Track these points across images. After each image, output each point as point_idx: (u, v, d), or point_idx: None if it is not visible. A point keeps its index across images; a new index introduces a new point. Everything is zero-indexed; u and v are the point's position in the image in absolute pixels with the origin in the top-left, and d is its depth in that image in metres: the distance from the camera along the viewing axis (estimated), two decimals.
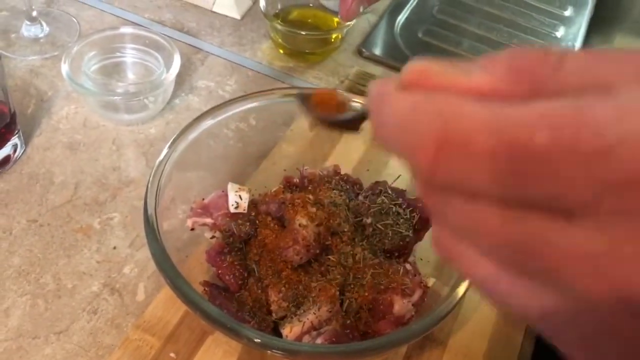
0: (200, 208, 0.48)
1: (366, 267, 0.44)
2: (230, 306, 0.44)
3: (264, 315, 0.44)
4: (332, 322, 0.42)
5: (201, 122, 0.49)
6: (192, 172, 0.49)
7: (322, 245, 0.45)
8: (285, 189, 0.51)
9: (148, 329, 0.47)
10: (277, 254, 0.44)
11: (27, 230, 0.54)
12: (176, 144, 0.47)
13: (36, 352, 0.47)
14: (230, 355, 0.46)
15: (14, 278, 0.51)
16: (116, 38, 0.67)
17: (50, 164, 0.59)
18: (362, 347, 0.38)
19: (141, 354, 0.46)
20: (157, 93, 0.63)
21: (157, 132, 0.64)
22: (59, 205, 0.56)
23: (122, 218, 0.56)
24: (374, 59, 0.74)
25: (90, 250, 0.53)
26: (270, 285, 0.44)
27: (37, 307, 0.49)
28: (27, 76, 0.68)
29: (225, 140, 0.53)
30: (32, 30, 0.72)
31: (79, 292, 0.50)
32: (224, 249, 0.46)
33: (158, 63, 0.66)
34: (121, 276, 0.52)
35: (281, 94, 0.52)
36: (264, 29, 0.76)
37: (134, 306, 0.50)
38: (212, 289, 0.45)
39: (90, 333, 0.48)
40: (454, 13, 0.82)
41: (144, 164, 0.61)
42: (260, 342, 0.36)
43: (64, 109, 0.65)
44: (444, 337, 0.49)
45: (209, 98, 0.67)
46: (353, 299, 0.43)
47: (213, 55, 0.73)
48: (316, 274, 0.45)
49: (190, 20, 0.77)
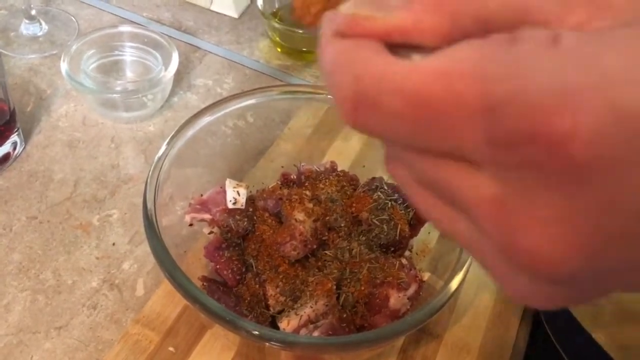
0: (198, 204, 0.48)
1: (362, 262, 0.45)
2: (229, 301, 0.44)
3: (261, 310, 0.45)
4: (328, 316, 0.43)
5: (199, 119, 0.49)
6: (190, 169, 0.50)
7: (319, 240, 0.45)
8: (283, 185, 0.51)
9: (147, 324, 0.48)
10: (274, 249, 0.45)
11: (27, 227, 0.55)
12: (174, 141, 0.47)
13: (36, 346, 0.47)
14: (228, 349, 0.47)
15: (14, 274, 0.51)
16: (115, 36, 0.67)
17: (49, 162, 0.60)
18: (358, 339, 0.38)
19: (140, 349, 0.47)
20: (156, 91, 0.63)
21: (156, 130, 0.64)
22: (58, 202, 0.57)
23: (121, 215, 0.56)
24: None
25: (90, 246, 0.54)
26: (268, 280, 0.45)
27: (37, 303, 0.50)
28: (26, 74, 0.68)
29: (223, 138, 0.53)
30: (31, 29, 0.72)
31: (78, 288, 0.51)
32: (222, 245, 0.46)
33: (156, 61, 0.66)
34: (120, 272, 0.52)
35: (279, 92, 0.53)
36: (262, 27, 0.77)
37: (133, 301, 0.50)
38: (211, 284, 0.45)
39: (90, 328, 0.49)
40: None
41: (143, 161, 0.61)
42: (258, 334, 0.37)
43: (63, 107, 0.65)
44: (439, 331, 0.50)
45: (207, 96, 0.68)
46: (349, 293, 0.44)
47: (211, 53, 0.73)
48: (313, 269, 0.45)
49: (188, 19, 0.77)
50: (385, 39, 0.18)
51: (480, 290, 0.53)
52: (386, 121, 0.17)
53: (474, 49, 0.16)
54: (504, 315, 0.52)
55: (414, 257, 0.49)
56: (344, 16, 0.19)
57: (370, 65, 0.17)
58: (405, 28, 0.18)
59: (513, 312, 0.52)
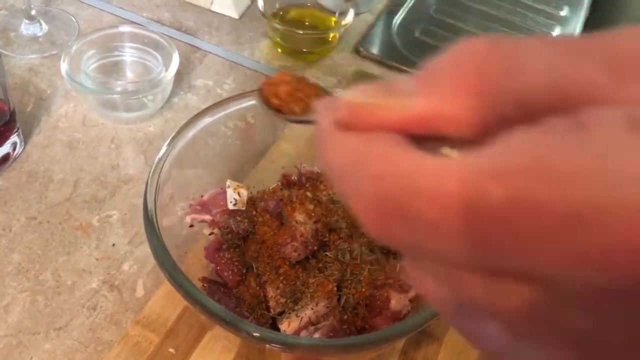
0: (199, 205, 0.48)
1: (363, 263, 0.44)
2: (229, 302, 0.44)
3: (262, 311, 0.44)
4: (329, 318, 0.42)
5: (200, 120, 0.49)
6: (190, 170, 0.50)
7: (320, 241, 0.45)
8: (283, 186, 0.51)
9: (147, 325, 0.48)
10: (275, 250, 0.45)
11: (26, 227, 0.54)
12: (175, 141, 0.47)
13: (36, 347, 0.47)
14: (228, 350, 0.47)
15: (13, 275, 0.51)
16: (115, 37, 0.67)
17: (49, 162, 0.60)
18: (359, 341, 0.38)
19: (140, 350, 0.46)
20: (156, 91, 0.63)
21: (156, 130, 0.64)
22: (58, 203, 0.57)
23: (121, 215, 0.56)
24: (372, 58, 0.74)
25: (90, 247, 0.54)
26: (269, 282, 0.44)
27: (37, 304, 0.50)
28: (26, 75, 0.68)
29: (224, 138, 0.53)
30: (31, 29, 0.72)
31: (78, 289, 0.51)
32: (223, 246, 0.46)
33: (157, 62, 0.66)
34: (120, 273, 0.52)
35: None
36: (262, 28, 0.77)
37: (133, 302, 0.50)
38: (211, 285, 0.45)
39: (90, 329, 0.48)
40: (451, 13, 0.83)
41: (143, 161, 0.61)
42: (258, 335, 0.36)
43: (63, 107, 0.65)
44: (440, 334, 0.50)
45: (207, 96, 0.68)
46: (350, 294, 0.44)
47: (211, 54, 0.73)
48: (314, 270, 0.45)
49: (188, 20, 0.77)
50: (400, 131, 0.15)
51: None
52: (422, 234, 0.14)
53: (534, 138, 0.12)
54: None
55: None
56: (347, 104, 0.16)
57: (396, 164, 0.14)
58: (426, 117, 0.15)
59: None
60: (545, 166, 0.12)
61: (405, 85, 0.15)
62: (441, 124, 0.15)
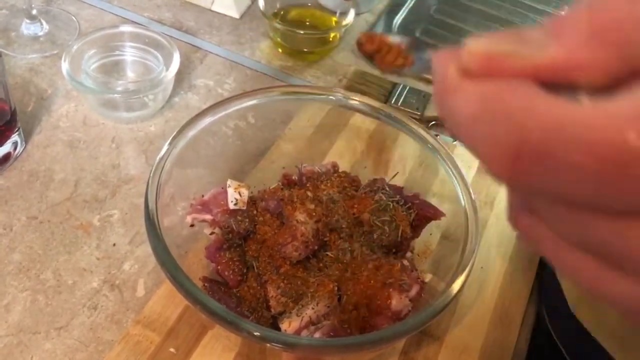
0: (199, 204, 0.48)
1: (364, 263, 0.45)
2: (230, 302, 0.44)
3: (262, 311, 0.45)
4: (330, 317, 0.42)
5: (200, 119, 0.49)
6: (191, 169, 0.50)
7: (321, 241, 0.45)
8: (284, 186, 0.51)
9: (148, 325, 0.48)
10: (275, 250, 0.45)
11: (27, 227, 0.54)
12: (176, 141, 0.47)
13: (36, 347, 0.47)
14: (229, 350, 0.47)
15: (14, 274, 0.51)
16: (116, 36, 0.67)
17: (50, 162, 0.60)
18: (360, 341, 0.38)
19: (141, 349, 0.46)
20: (157, 91, 0.63)
21: (157, 130, 0.64)
22: (59, 203, 0.57)
23: (122, 215, 0.56)
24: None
25: (90, 247, 0.54)
26: (269, 281, 0.44)
27: (38, 303, 0.50)
28: (27, 74, 0.68)
29: (224, 138, 0.53)
30: (32, 29, 0.72)
31: (79, 288, 0.51)
32: (223, 245, 0.46)
33: (157, 61, 0.66)
34: (121, 272, 0.52)
35: (280, 92, 0.53)
36: (263, 28, 0.77)
37: (133, 302, 0.50)
38: (212, 284, 0.45)
39: (91, 328, 0.49)
40: (451, 13, 0.83)
41: (144, 161, 0.61)
42: (259, 335, 0.37)
43: (63, 106, 0.65)
44: (440, 333, 0.50)
45: (208, 96, 0.68)
46: (351, 294, 0.44)
47: (212, 53, 0.73)
48: (314, 270, 0.45)
49: (189, 19, 0.77)
50: (533, 78, 0.15)
51: (481, 292, 0.53)
52: (556, 175, 0.14)
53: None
54: (505, 317, 0.52)
55: (415, 259, 0.49)
56: (474, 54, 0.16)
57: (538, 111, 0.14)
58: (558, 65, 0.15)
59: (514, 314, 0.52)
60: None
61: (533, 34, 0.16)
62: (576, 72, 0.15)
